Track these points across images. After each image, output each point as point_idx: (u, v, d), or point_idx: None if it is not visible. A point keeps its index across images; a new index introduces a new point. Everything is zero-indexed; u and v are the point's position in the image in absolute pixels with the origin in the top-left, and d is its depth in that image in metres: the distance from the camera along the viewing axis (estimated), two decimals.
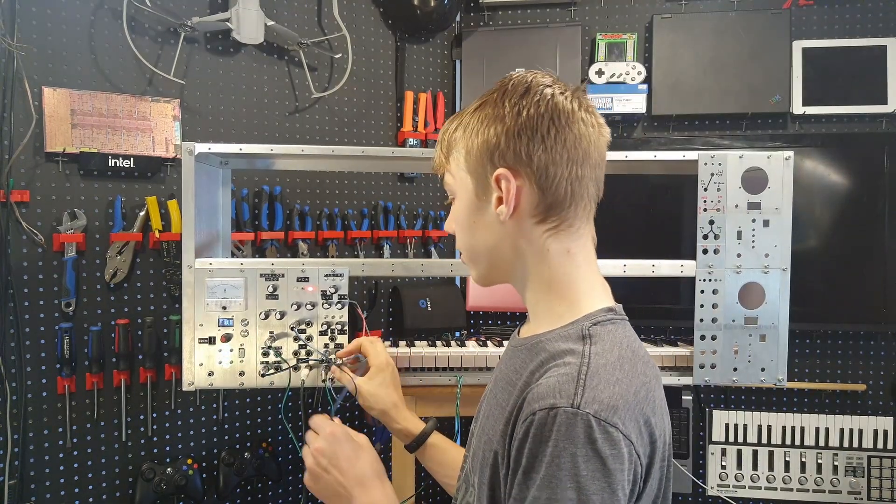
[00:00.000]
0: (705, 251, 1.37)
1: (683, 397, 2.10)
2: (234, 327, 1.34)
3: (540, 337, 0.78)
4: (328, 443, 0.96)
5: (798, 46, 2.12)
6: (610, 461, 0.62)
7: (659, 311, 2.08)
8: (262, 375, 1.35)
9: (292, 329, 1.35)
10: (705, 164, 1.36)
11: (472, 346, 1.55)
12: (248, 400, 1.89)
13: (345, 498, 0.93)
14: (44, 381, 1.60)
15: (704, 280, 1.37)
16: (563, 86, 0.78)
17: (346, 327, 1.38)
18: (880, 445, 2.04)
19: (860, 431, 2.05)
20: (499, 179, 0.76)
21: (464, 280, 2.22)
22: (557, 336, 0.76)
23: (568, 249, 0.78)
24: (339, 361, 1.31)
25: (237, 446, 1.86)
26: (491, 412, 0.80)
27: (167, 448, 1.77)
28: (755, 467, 2.07)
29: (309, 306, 1.36)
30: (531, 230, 0.78)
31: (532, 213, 0.77)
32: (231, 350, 1.34)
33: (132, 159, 1.69)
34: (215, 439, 1.84)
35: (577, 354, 0.70)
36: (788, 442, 2.07)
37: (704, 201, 1.36)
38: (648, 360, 0.76)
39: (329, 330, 1.37)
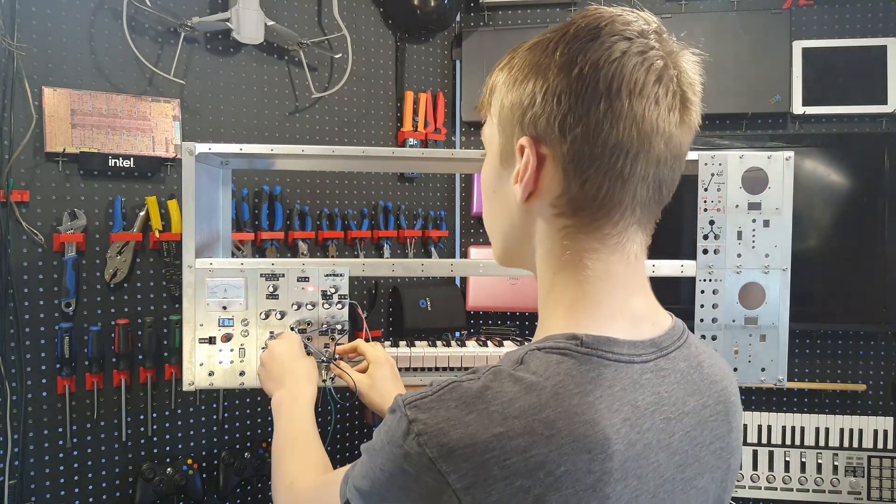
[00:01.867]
0: (705, 251, 1.37)
1: None
2: (235, 327, 1.34)
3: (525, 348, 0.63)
4: (280, 341, 1.21)
5: (798, 46, 2.12)
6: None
7: None
8: None
9: (292, 329, 1.35)
10: (705, 164, 1.36)
11: (472, 347, 1.55)
12: (248, 400, 1.89)
13: (277, 382, 1.14)
14: (44, 381, 1.60)
15: (705, 280, 1.37)
16: (657, 38, 0.60)
17: (346, 327, 1.38)
18: (880, 445, 2.04)
19: (860, 431, 2.05)
20: (522, 149, 0.59)
21: (464, 280, 2.22)
22: (529, 348, 0.60)
23: (581, 255, 0.60)
24: (337, 357, 1.31)
25: (237, 446, 1.86)
26: None
27: (167, 448, 1.77)
28: (755, 467, 2.07)
29: (309, 306, 1.36)
30: (549, 222, 0.62)
31: (552, 203, 0.60)
32: (231, 350, 1.34)
33: (132, 159, 1.68)
34: (215, 439, 1.84)
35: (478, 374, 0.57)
36: (788, 442, 2.07)
37: (704, 201, 1.36)
38: (565, 412, 0.53)
39: (329, 330, 1.36)
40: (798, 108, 2.13)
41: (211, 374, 1.34)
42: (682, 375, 0.62)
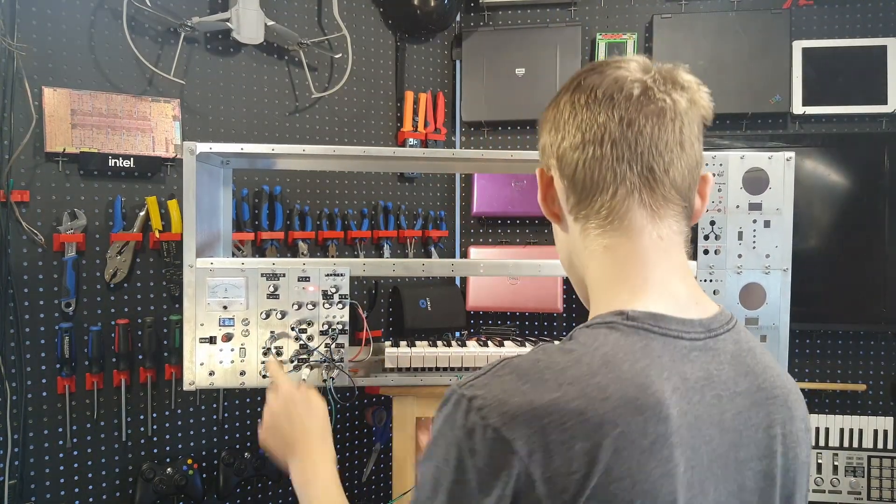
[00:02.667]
0: (706, 251, 1.37)
1: None
2: (235, 327, 1.34)
3: None
4: (283, 402, 0.99)
5: (798, 46, 2.12)
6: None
7: None
8: (263, 375, 1.35)
9: (293, 329, 1.35)
10: (706, 164, 1.36)
11: (472, 346, 1.55)
12: (248, 400, 1.89)
13: (289, 448, 0.97)
14: (44, 381, 1.60)
15: (705, 280, 1.37)
16: (636, 66, 0.66)
17: (346, 327, 1.38)
18: (880, 445, 2.04)
19: (860, 431, 2.05)
20: (541, 177, 0.69)
21: (464, 280, 2.22)
22: None
23: (606, 246, 0.64)
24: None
25: (237, 446, 1.85)
26: None
27: (167, 448, 1.77)
28: None
29: (310, 306, 1.36)
30: (574, 230, 0.67)
31: (569, 210, 0.67)
32: (232, 350, 1.34)
33: (132, 159, 1.68)
34: (215, 439, 1.84)
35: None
36: None
37: None
38: (619, 376, 0.55)
39: (330, 330, 1.36)
40: (798, 108, 2.13)
41: (211, 373, 1.34)
42: (733, 357, 0.63)
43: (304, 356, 1.36)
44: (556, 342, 0.60)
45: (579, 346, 0.57)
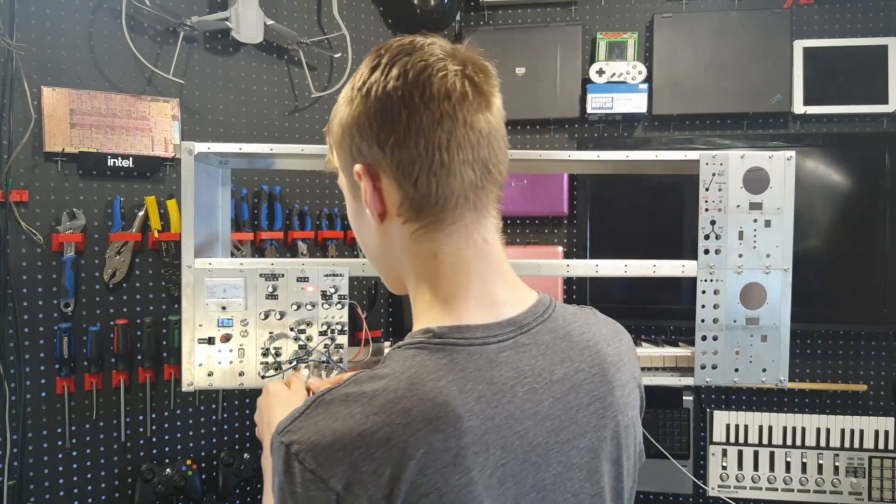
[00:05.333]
0: (706, 251, 1.36)
1: (684, 398, 2.09)
2: (234, 327, 1.34)
3: None
4: (266, 396, 1.01)
5: (799, 46, 2.12)
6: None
7: (660, 311, 2.08)
8: (262, 376, 1.35)
9: (292, 329, 1.35)
10: (706, 164, 1.36)
11: None
12: (247, 400, 1.88)
13: (262, 440, 0.98)
14: (43, 381, 1.60)
15: (706, 280, 1.36)
16: (440, 49, 0.65)
17: (346, 327, 1.38)
18: (881, 446, 2.04)
19: (861, 432, 2.05)
20: (359, 175, 0.65)
21: None
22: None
23: (434, 254, 0.65)
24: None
25: (237, 447, 1.85)
26: None
27: (166, 448, 1.76)
28: (756, 468, 2.07)
29: (309, 306, 1.36)
30: (399, 231, 0.66)
31: (398, 213, 0.65)
32: (231, 350, 1.34)
33: (131, 159, 1.68)
34: (215, 440, 1.84)
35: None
36: (789, 442, 2.07)
37: (706, 201, 1.36)
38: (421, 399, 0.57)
39: (329, 330, 1.36)
40: (799, 107, 2.12)
41: (210, 374, 1.34)
42: (547, 347, 0.66)
43: (303, 357, 1.36)
44: (369, 370, 0.62)
45: (389, 371, 0.60)
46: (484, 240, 0.66)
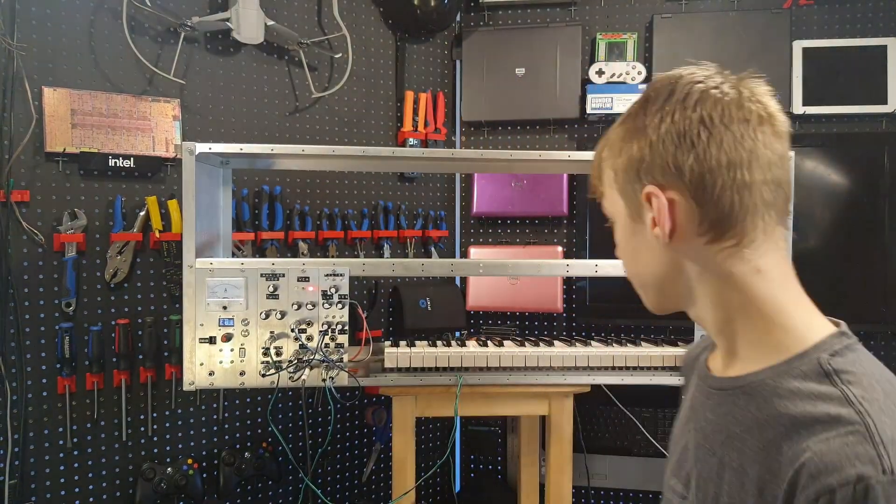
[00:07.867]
0: None
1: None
2: (235, 327, 1.34)
3: (759, 377, 0.66)
4: None
5: (798, 46, 2.12)
6: None
7: None
8: (263, 375, 1.35)
9: (293, 329, 1.35)
10: None
11: (472, 346, 1.55)
12: (248, 400, 1.89)
13: None
14: (44, 381, 1.60)
15: None
16: (721, 76, 0.69)
17: (346, 327, 1.38)
18: None
19: None
20: (649, 198, 0.67)
21: (464, 280, 2.22)
22: (784, 374, 0.64)
23: (758, 269, 0.67)
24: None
25: (237, 446, 1.86)
26: (717, 473, 0.69)
27: (167, 448, 1.77)
28: None
29: (309, 306, 1.36)
30: (702, 252, 0.67)
31: (697, 232, 0.66)
32: (232, 350, 1.34)
33: (132, 159, 1.68)
34: (215, 439, 1.84)
35: (838, 401, 0.59)
36: None
37: None
38: None
39: (329, 330, 1.37)
40: (798, 107, 2.13)
41: (211, 373, 1.34)
42: None
43: (304, 356, 1.36)
44: (836, 392, 0.60)
45: (864, 376, 0.61)
46: (787, 252, 0.70)
